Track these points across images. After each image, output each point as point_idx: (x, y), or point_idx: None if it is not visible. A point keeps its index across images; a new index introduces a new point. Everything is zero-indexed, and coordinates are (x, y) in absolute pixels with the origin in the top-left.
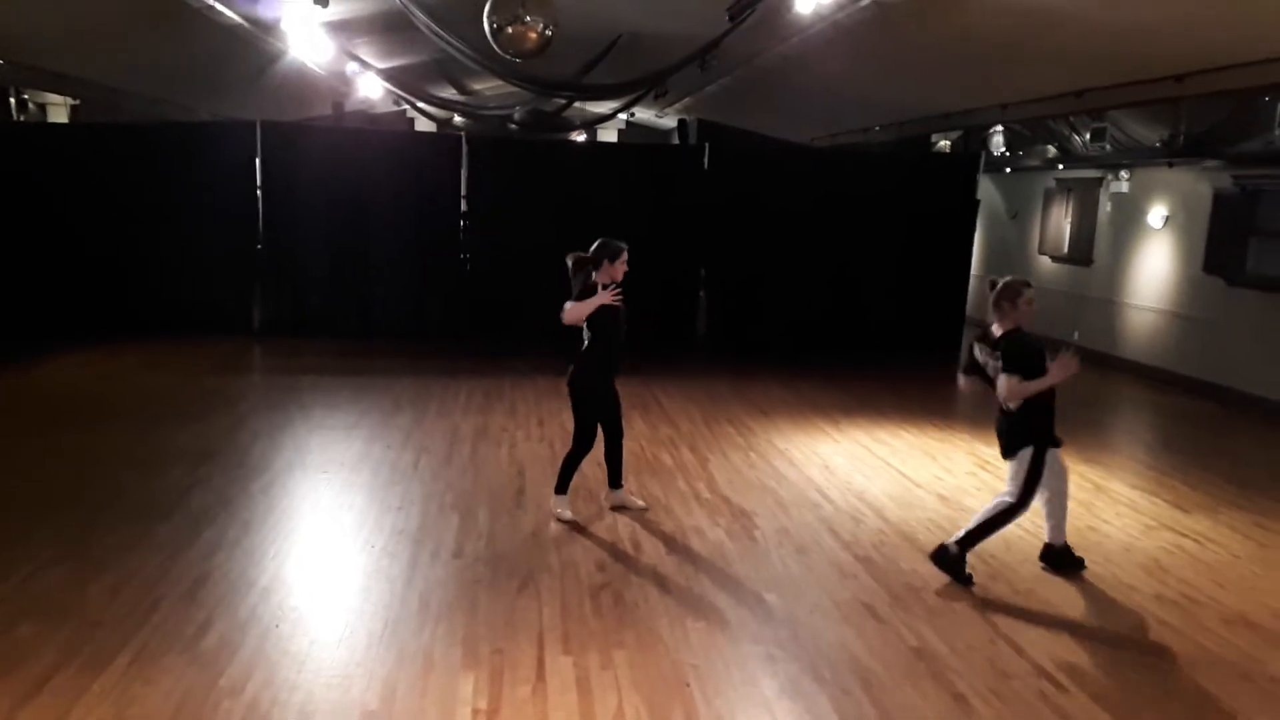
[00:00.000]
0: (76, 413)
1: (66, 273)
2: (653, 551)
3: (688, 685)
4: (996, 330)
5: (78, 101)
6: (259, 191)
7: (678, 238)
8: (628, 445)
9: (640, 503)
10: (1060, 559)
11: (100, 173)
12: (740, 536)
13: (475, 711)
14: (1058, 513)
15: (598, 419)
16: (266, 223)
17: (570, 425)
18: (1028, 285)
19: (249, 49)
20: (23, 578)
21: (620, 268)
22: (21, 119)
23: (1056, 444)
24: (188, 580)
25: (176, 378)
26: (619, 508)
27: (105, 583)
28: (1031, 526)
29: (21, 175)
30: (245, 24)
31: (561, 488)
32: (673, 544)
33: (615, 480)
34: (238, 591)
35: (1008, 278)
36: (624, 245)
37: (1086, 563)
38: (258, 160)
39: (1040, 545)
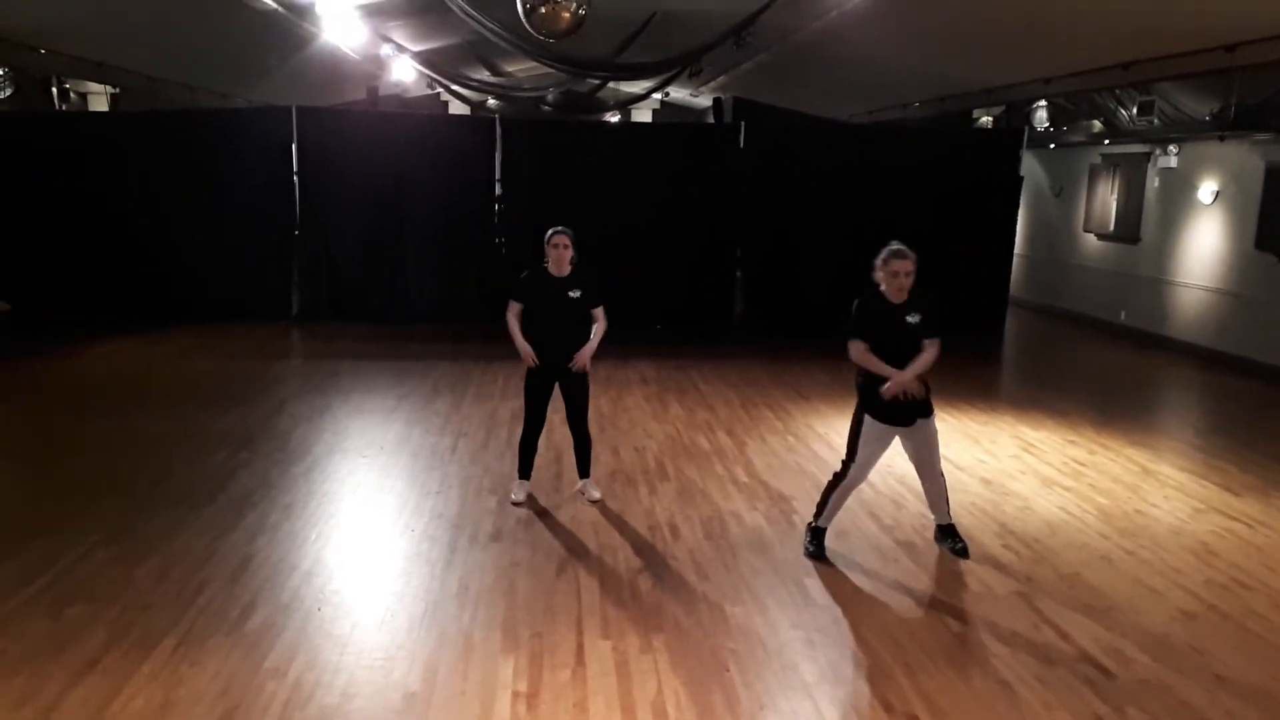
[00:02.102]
0: (120, 398)
1: (107, 260)
2: (690, 536)
3: (727, 670)
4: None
5: (118, 90)
6: (295, 177)
7: (713, 218)
8: (665, 429)
9: (596, 494)
10: (941, 535)
11: (140, 160)
12: (779, 521)
13: (515, 694)
14: (928, 493)
15: (527, 400)
16: (303, 208)
17: (602, 408)
18: (895, 254)
19: (284, 34)
20: (72, 560)
21: (555, 251)
22: (63, 108)
23: (884, 418)
24: (232, 563)
25: (217, 363)
26: (580, 493)
27: (152, 565)
28: (1078, 510)
29: (64, 163)
30: (280, 9)
31: (520, 471)
32: (711, 529)
33: (579, 468)
34: (280, 575)
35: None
36: (554, 229)
37: (969, 551)
38: (294, 145)
39: (1086, 530)
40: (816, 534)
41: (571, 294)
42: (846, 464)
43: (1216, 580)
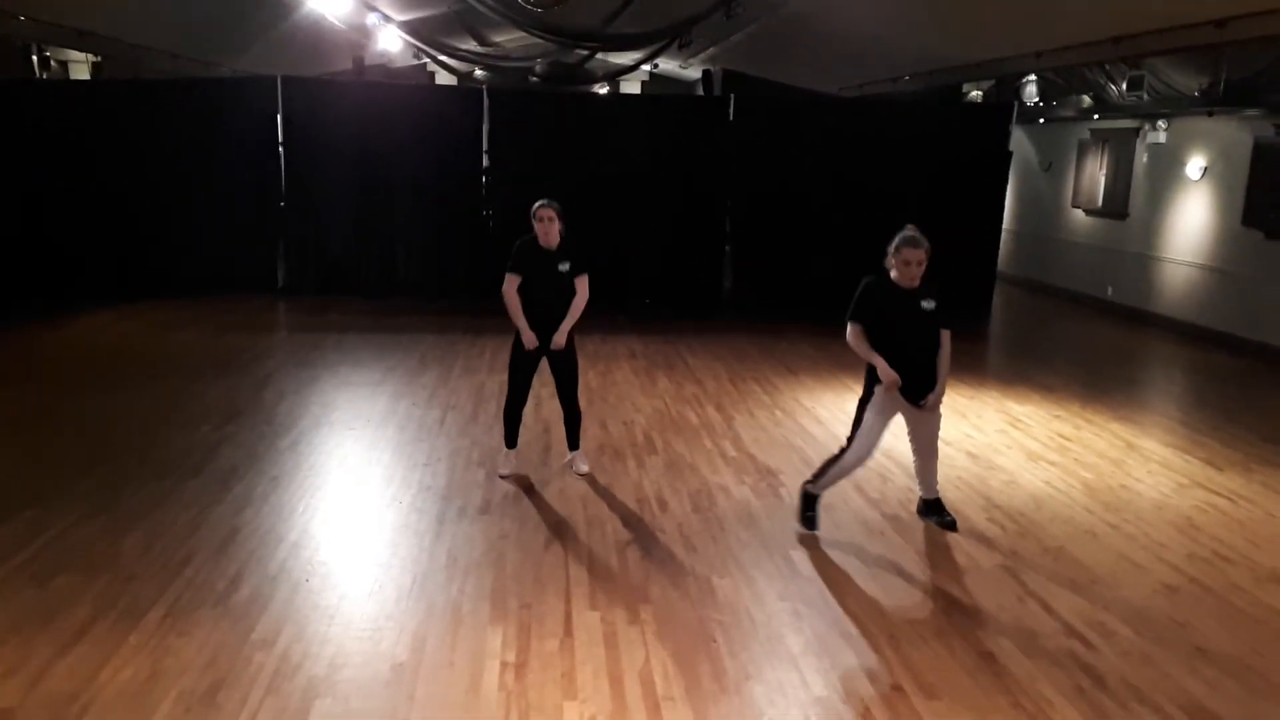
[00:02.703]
0: (105, 371)
1: (91, 231)
2: (679, 509)
3: (714, 641)
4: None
5: (99, 58)
6: (280, 148)
7: (702, 191)
8: (653, 403)
9: (584, 467)
10: (927, 509)
11: (122, 130)
12: (766, 494)
13: (503, 664)
14: (920, 470)
15: (511, 374)
16: (288, 180)
17: (590, 382)
18: (908, 242)
19: (269, 2)
20: (59, 531)
21: (542, 224)
22: (44, 76)
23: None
24: (218, 535)
25: (202, 336)
26: (569, 466)
27: (138, 537)
28: (1063, 485)
29: (44, 133)
30: None
31: (506, 440)
32: (699, 502)
33: (568, 441)
34: (267, 547)
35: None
36: (539, 202)
37: (957, 525)
38: (279, 116)
39: (1071, 504)
40: (809, 500)
41: (561, 267)
42: (849, 439)
43: (1199, 554)
